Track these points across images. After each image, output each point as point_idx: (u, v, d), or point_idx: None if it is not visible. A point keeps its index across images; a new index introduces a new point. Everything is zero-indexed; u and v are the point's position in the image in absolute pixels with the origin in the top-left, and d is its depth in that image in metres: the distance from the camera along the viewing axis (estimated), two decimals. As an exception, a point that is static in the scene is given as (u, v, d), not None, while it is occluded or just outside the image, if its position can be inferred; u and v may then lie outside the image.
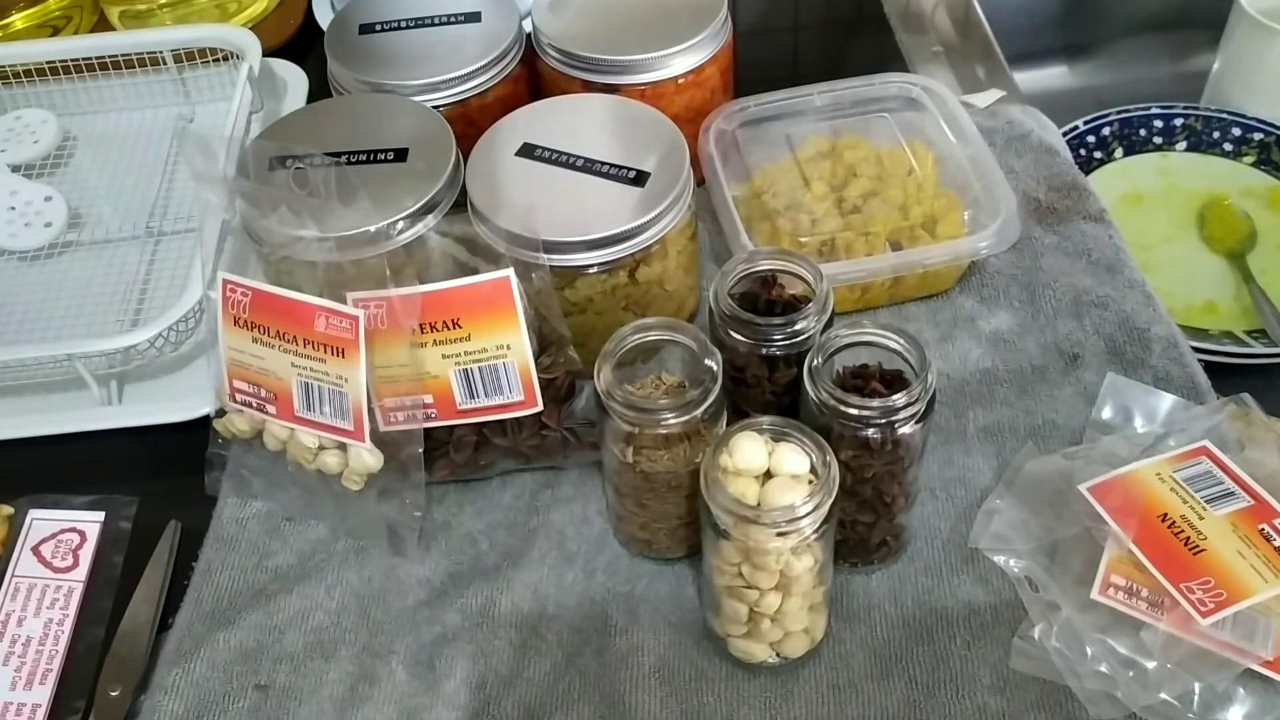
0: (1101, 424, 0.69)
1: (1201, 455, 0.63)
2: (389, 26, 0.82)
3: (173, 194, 0.90)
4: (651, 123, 0.73)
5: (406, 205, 0.67)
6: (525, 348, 0.63)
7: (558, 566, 0.66)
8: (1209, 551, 0.58)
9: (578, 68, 0.78)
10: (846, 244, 0.74)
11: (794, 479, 0.55)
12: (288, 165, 0.67)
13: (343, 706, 0.61)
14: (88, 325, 0.81)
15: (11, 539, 0.69)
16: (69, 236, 0.87)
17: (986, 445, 0.69)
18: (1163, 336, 0.73)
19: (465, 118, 0.78)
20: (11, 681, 0.63)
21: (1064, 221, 0.81)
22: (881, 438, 0.57)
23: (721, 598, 0.58)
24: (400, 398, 0.64)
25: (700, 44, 0.78)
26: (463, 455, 0.67)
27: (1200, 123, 0.91)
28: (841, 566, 0.64)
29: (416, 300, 0.62)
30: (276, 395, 0.64)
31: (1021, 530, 0.63)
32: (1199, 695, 0.56)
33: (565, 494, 0.69)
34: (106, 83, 0.95)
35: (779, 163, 0.79)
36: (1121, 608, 0.58)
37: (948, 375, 0.73)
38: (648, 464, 0.60)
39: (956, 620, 0.62)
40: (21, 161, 0.91)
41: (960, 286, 0.78)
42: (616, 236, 0.67)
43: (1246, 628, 0.57)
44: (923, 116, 0.81)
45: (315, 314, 0.62)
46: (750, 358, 0.63)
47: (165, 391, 0.77)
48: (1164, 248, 0.86)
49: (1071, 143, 0.88)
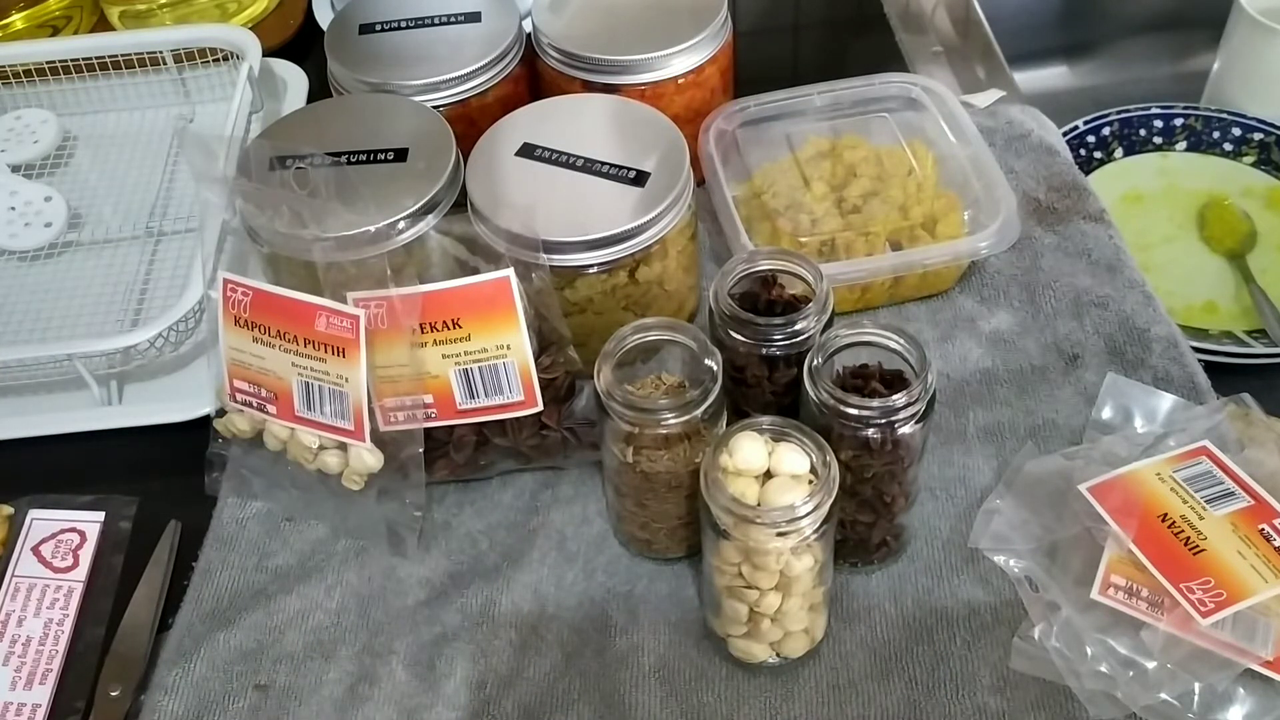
0: (1101, 424, 0.69)
1: (1201, 455, 0.63)
2: (389, 26, 0.82)
3: (173, 194, 0.90)
4: (651, 123, 0.73)
5: (406, 205, 0.67)
6: (525, 348, 0.63)
7: (558, 566, 0.66)
8: (1209, 551, 0.58)
9: (578, 68, 0.78)
10: (846, 244, 0.74)
11: (794, 479, 0.55)
12: (288, 165, 0.67)
13: (343, 706, 0.61)
14: (88, 325, 0.81)
15: (11, 539, 0.69)
16: (69, 236, 0.87)
17: (986, 445, 0.69)
18: (1163, 336, 0.73)
19: (465, 118, 0.78)
20: (11, 681, 0.63)
21: (1064, 221, 0.81)
22: (881, 438, 0.57)
23: (721, 598, 0.58)
24: (400, 397, 0.64)
25: (700, 44, 0.78)
26: (463, 455, 0.67)
27: (1200, 123, 0.91)
28: (841, 566, 0.64)
29: (417, 300, 0.62)
30: (277, 395, 0.64)
31: (1021, 530, 0.63)
32: (1199, 695, 0.56)
33: (565, 494, 0.69)
34: (106, 83, 0.95)
35: (779, 163, 0.79)
36: (1121, 608, 0.58)
37: (948, 375, 0.73)
38: (648, 464, 0.60)
39: (956, 620, 0.62)
40: (21, 161, 0.91)
41: (960, 286, 0.78)
42: (616, 236, 0.67)
43: (1246, 628, 0.57)
44: (923, 116, 0.81)
45: (316, 314, 0.62)
46: (750, 358, 0.63)
47: (165, 391, 0.77)
48: (1164, 248, 0.86)
49: (1071, 143, 0.88)
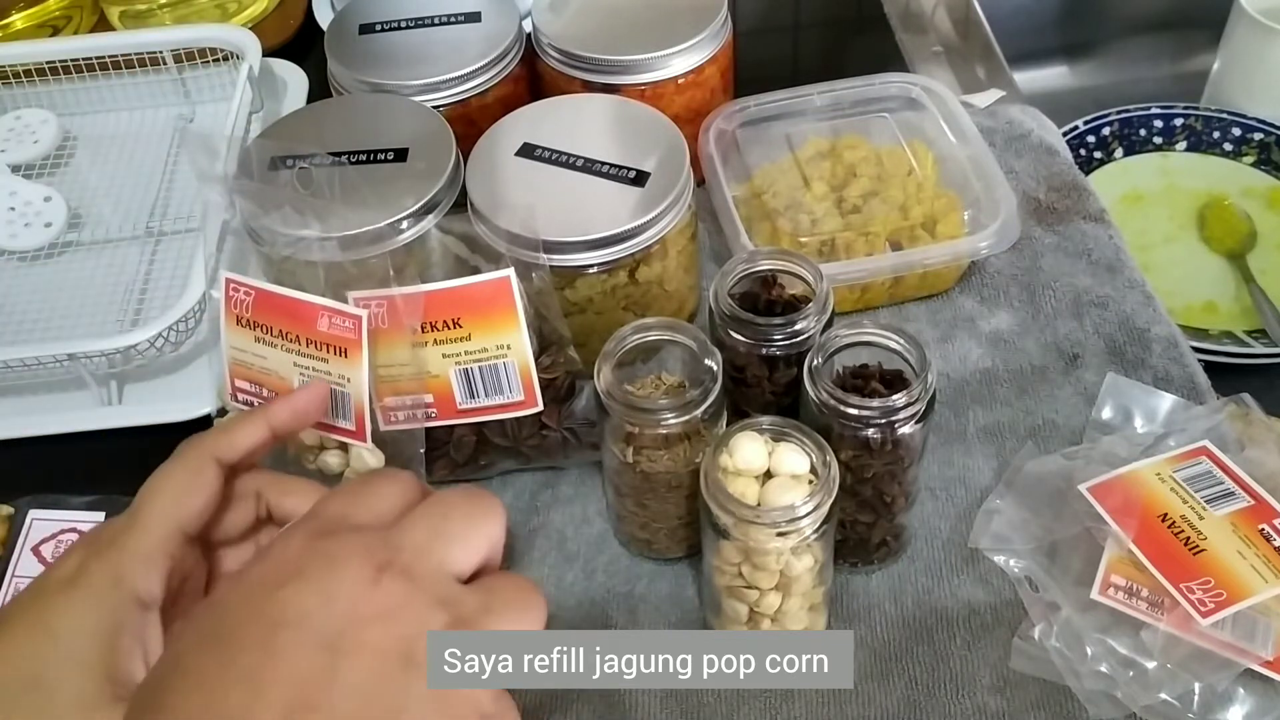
0: (1101, 424, 0.69)
1: (1201, 455, 0.63)
2: (389, 26, 0.82)
3: (173, 194, 0.90)
4: (651, 123, 0.73)
5: (407, 205, 0.67)
6: (525, 347, 0.63)
7: (558, 566, 0.66)
8: (1209, 551, 0.58)
9: (578, 68, 0.78)
10: (846, 244, 0.74)
11: (794, 479, 0.55)
12: (290, 165, 0.67)
13: (343, 706, 0.61)
14: (88, 325, 0.81)
15: (11, 539, 0.69)
16: (69, 236, 0.87)
17: (986, 445, 0.69)
18: (1163, 336, 0.73)
19: (465, 118, 0.78)
20: (12, 681, 0.63)
21: (1064, 221, 0.81)
22: (881, 438, 0.57)
23: (721, 598, 0.58)
24: (401, 397, 0.64)
25: (700, 44, 0.78)
26: (463, 455, 0.67)
27: (1200, 123, 0.91)
28: (841, 566, 0.64)
29: (419, 299, 0.62)
30: (279, 395, 0.64)
31: (1021, 530, 0.63)
32: (1199, 695, 0.56)
33: (565, 494, 0.69)
34: (106, 83, 0.95)
35: (779, 163, 0.79)
36: (1121, 608, 0.58)
37: (948, 375, 0.73)
38: (648, 464, 0.60)
39: (956, 620, 0.62)
40: (21, 161, 0.91)
41: (960, 286, 0.78)
42: (616, 236, 0.67)
43: (1246, 628, 0.57)
44: (923, 116, 0.81)
45: (318, 314, 0.62)
46: (750, 358, 0.63)
47: (165, 391, 0.77)
48: (1164, 248, 0.86)
49: (1071, 143, 0.88)
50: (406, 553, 0.38)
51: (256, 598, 0.38)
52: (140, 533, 0.45)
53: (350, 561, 0.38)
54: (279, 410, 0.52)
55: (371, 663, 0.36)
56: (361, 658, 0.36)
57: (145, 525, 0.45)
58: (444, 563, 0.39)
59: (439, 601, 0.38)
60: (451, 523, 0.40)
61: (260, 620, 0.37)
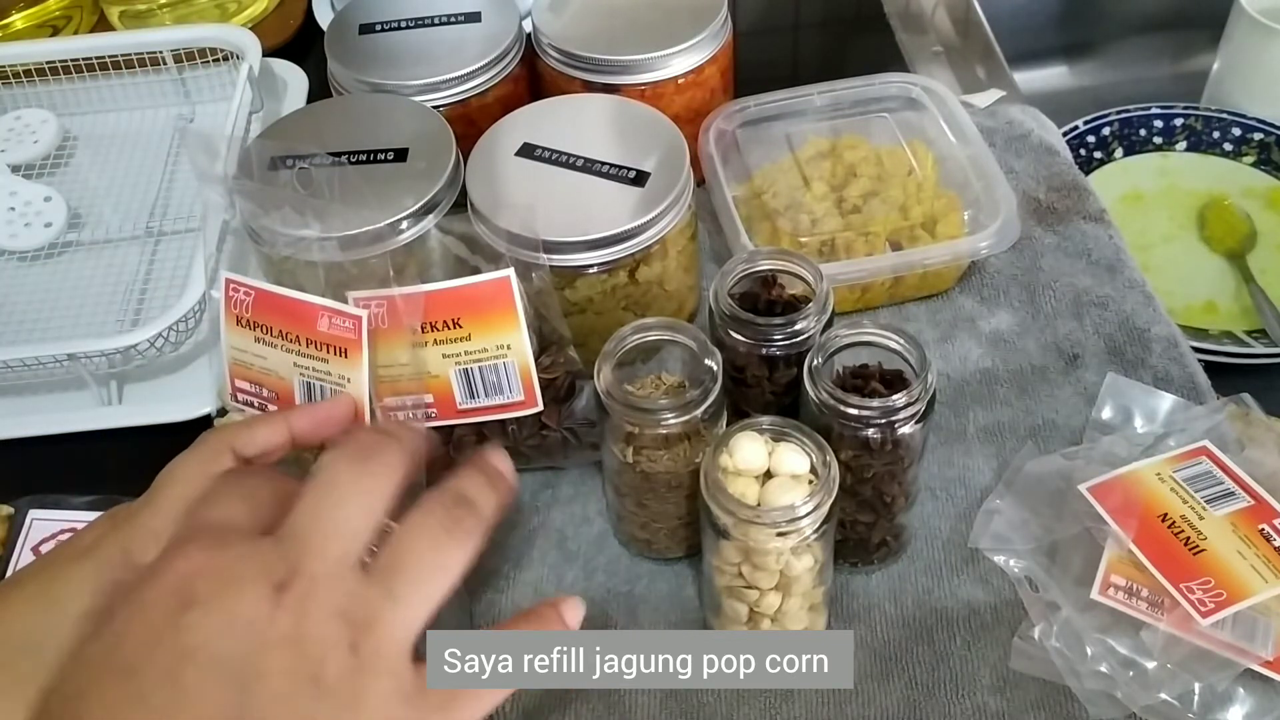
0: (1101, 424, 0.69)
1: (1201, 455, 0.63)
2: (389, 26, 0.82)
3: (173, 194, 0.90)
4: (651, 123, 0.73)
5: (407, 205, 0.67)
6: (525, 348, 0.63)
7: (558, 566, 0.66)
8: (1209, 551, 0.58)
9: (578, 68, 0.78)
10: (846, 244, 0.74)
11: (794, 479, 0.55)
12: (290, 165, 0.67)
13: (343, 706, 0.61)
14: (88, 325, 0.81)
15: (11, 539, 0.69)
16: (69, 236, 0.87)
17: (986, 445, 0.69)
18: (1163, 336, 0.73)
19: (465, 118, 0.78)
20: (12, 681, 0.63)
21: (1064, 221, 0.81)
22: (881, 438, 0.57)
23: (721, 598, 0.58)
24: (401, 397, 0.64)
25: (700, 44, 0.78)
26: (463, 455, 0.67)
27: (1200, 123, 0.91)
28: (841, 566, 0.64)
29: (420, 299, 0.62)
30: (279, 395, 0.64)
31: (1021, 530, 0.63)
32: (1199, 695, 0.56)
33: (565, 494, 0.69)
34: (106, 83, 0.95)
35: (779, 163, 0.79)
36: (1121, 608, 0.58)
37: (948, 375, 0.73)
38: (648, 464, 0.60)
39: (956, 620, 0.62)
40: (21, 161, 0.91)
41: (960, 286, 0.78)
42: (616, 236, 0.67)
43: (1246, 628, 0.57)
44: (923, 116, 0.81)
45: (319, 314, 0.62)
46: (750, 358, 0.63)
47: (165, 391, 0.77)
48: (1164, 248, 0.86)
49: (1071, 143, 0.88)
50: (303, 559, 0.39)
51: (158, 625, 0.37)
52: (153, 511, 0.46)
53: (246, 583, 0.38)
54: (301, 416, 0.53)
55: (280, 689, 0.36)
56: (269, 685, 0.36)
57: (158, 504, 0.46)
58: (344, 555, 0.39)
59: (339, 614, 0.38)
60: (341, 492, 0.40)
61: (164, 650, 0.37)
